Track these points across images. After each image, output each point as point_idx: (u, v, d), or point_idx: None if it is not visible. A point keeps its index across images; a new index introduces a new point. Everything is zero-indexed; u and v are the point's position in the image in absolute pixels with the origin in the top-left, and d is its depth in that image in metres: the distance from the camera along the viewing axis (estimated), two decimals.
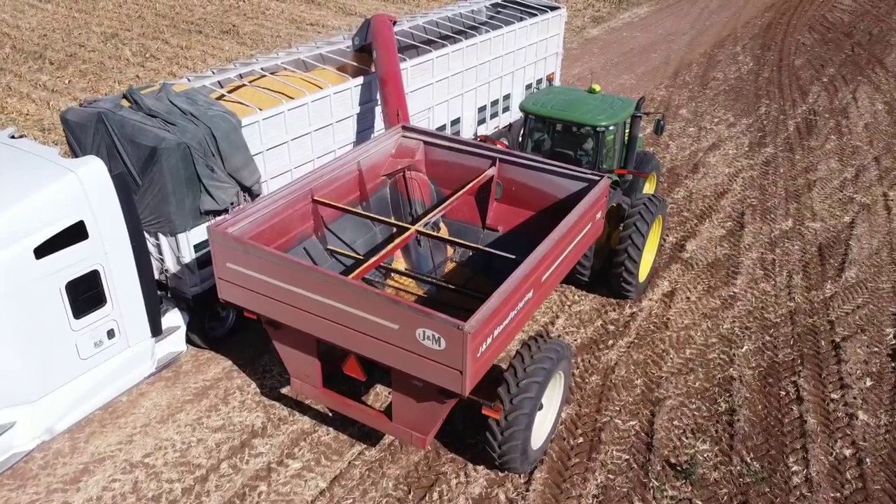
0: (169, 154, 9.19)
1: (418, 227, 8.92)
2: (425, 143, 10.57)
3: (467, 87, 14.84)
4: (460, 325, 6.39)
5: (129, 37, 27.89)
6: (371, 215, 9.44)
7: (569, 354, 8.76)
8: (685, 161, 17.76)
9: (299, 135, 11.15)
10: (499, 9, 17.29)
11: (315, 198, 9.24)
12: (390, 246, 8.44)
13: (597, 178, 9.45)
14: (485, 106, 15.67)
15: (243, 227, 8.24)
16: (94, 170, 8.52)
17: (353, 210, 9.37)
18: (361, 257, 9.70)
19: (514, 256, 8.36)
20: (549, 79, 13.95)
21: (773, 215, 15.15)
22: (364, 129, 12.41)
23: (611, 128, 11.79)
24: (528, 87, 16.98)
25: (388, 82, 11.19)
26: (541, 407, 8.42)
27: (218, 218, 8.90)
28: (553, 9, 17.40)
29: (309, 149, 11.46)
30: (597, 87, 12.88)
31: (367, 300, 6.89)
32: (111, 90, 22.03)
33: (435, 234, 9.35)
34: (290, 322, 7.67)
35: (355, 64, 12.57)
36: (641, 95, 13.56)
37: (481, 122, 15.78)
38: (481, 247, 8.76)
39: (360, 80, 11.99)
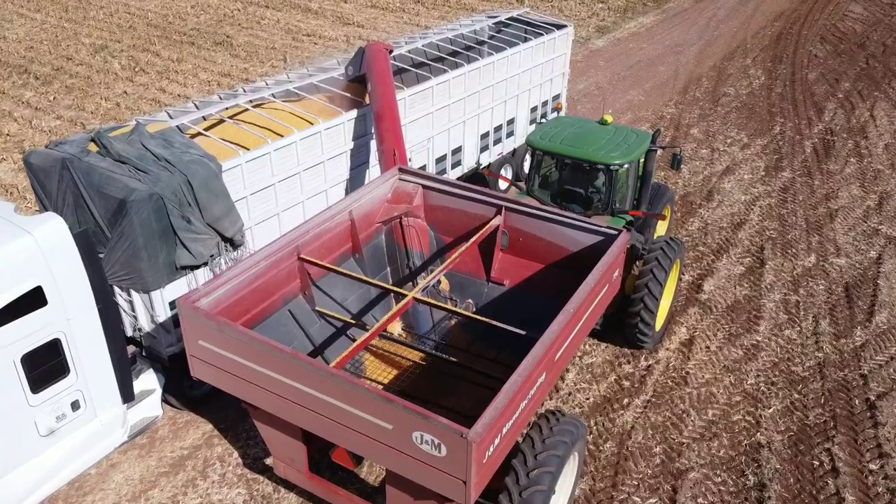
0: (139, 206, 8.29)
1: (416, 292, 8.00)
2: (424, 187, 9.66)
3: (469, 114, 13.93)
4: (464, 433, 5.49)
5: (118, 49, 26.98)
6: (364, 279, 8.50)
7: (585, 433, 7.85)
8: (699, 187, 16.85)
9: (287, 176, 10.25)
10: (502, 28, 16.38)
11: (301, 255, 8.33)
12: (384, 319, 7.51)
13: (614, 232, 8.54)
14: (488, 132, 14.76)
15: (219, 297, 7.33)
16: (53, 229, 7.61)
17: (345, 272, 8.44)
18: (353, 322, 8.78)
19: (523, 332, 7.44)
20: (558, 108, 13.06)
21: (794, 250, 14.23)
22: (358, 165, 11.50)
23: (625, 166, 10.89)
24: (534, 109, 16.07)
25: (383, 118, 10.28)
26: (553, 492, 7.52)
27: (198, 284, 8.00)
28: (559, 27, 16.48)
29: (298, 190, 10.56)
30: (609, 118, 11.97)
31: (356, 395, 5.98)
32: (97, 108, 21.13)
33: (435, 301, 8.40)
34: (270, 409, 6.77)
35: (348, 95, 11.65)
36: (657, 128, 12.67)
37: (484, 149, 14.87)
38: (486, 319, 7.82)
39: (354, 113, 11.08)
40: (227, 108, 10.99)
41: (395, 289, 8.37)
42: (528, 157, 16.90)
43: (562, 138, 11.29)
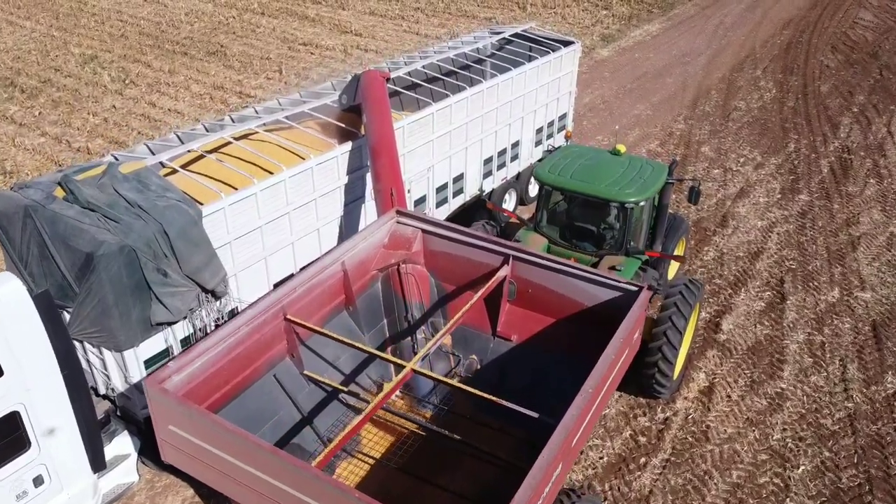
0: (108, 261, 7.49)
1: (415, 363, 7.19)
2: (424, 231, 8.85)
3: (472, 139, 13.12)
4: None
5: (108, 59, 26.16)
6: (357, 346, 7.65)
7: None
8: (712, 212, 16.04)
9: (275, 217, 9.45)
10: (505, 44, 15.56)
11: (288, 316, 7.53)
12: (378, 397, 6.68)
13: (634, 289, 7.73)
14: (491, 157, 13.95)
15: (192, 371, 6.52)
16: (8, 293, 6.80)
17: (336, 337, 7.62)
18: (344, 389, 7.95)
19: (536, 415, 6.62)
20: (567, 136, 12.26)
21: (816, 282, 13.43)
22: (353, 201, 10.69)
23: (641, 203, 10.08)
24: (539, 130, 15.25)
25: (380, 153, 9.47)
26: None
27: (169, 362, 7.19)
28: (566, 43, 15.68)
29: (287, 230, 9.76)
30: (621, 148, 11.17)
31: (342, 500, 5.18)
32: (84, 124, 20.31)
33: (435, 375, 7.58)
34: None
35: (342, 125, 10.84)
36: (674, 159, 11.86)
37: (487, 174, 14.06)
38: (492, 398, 6.98)
39: (348, 145, 10.27)
40: (210, 141, 10.18)
41: (390, 358, 7.54)
42: (533, 184, 16.12)
43: (572, 171, 10.50)
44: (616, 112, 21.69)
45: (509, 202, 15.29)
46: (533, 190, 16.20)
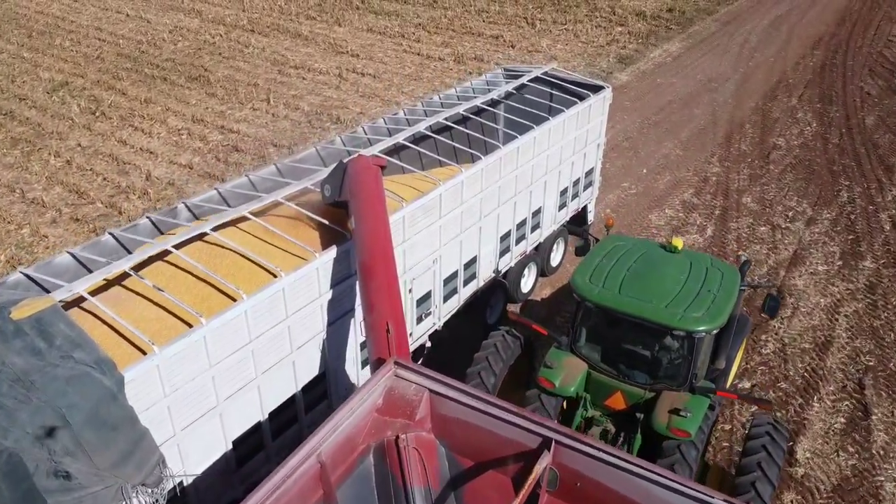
0: None
1: None
2: (433, 392, 6.51)
3: (487, 213, 10.81)
4: None
5: (80, 86, 23.84)
6: None
7: None
8: (763, 282, 13.68)
9: (232, 352, 7.13)
10: (524, 91, 13.20)
11: None
12: None
13: (709, 499, 5.40)
14: (509, 232, 11.63)
15: None
16: None
17: None
18: None
19: None
20: (609, 224, 9.96)
21: None
22: (340, 317, 8.37)
23: (714, 332, 7.76)
24: (563, 192, 12.92)
25: (373, 273, 7.12)
26: None
27: None
28: (596, 88, 13.36)
29: (250, 368, 7.44)
30: (678, 243, 8.86)
31: None
32: (43, 167, 17.99)
33: None
34: None
35: (325, 221, 8.47)
36: (745, 259, 9.60)
37: (504, 252, 11.74)
38: None
39: (332, 253, 7.95)
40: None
41: None
42: (556, 250, 13.82)
43: (620, 282, 8.17)
44: (642, 151, 19.37)
45: (528, 278, 12.97)
46: (556, 258, 13.89)
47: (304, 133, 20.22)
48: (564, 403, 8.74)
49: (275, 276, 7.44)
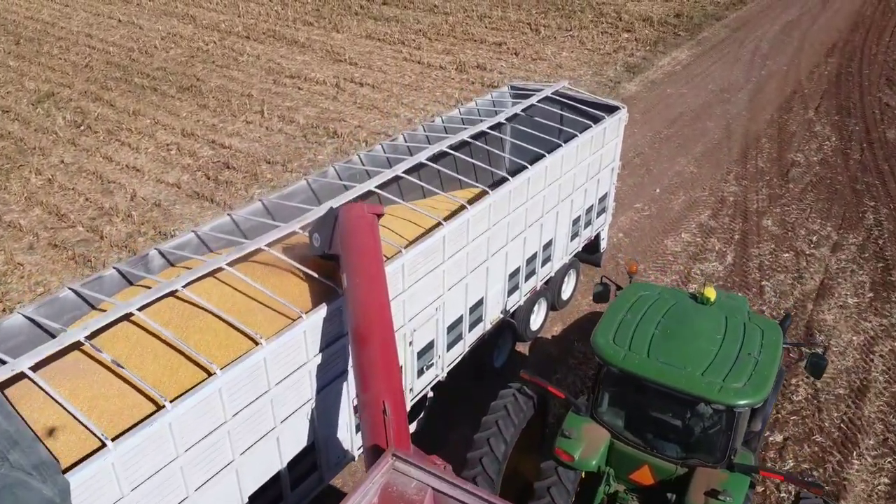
0: None
1: None
2: (436, 490, 5.56)
3: (494, 250, 9.85)
4: None
5: (66, 97, 22.90)
6: None
7: None
8: (792, 319, 12.72)
9: (206, 435, 6.16)
10: (533, 113, 12.23)
11: None
12: None
13: None
14: (518, 269, 10.67)
15: None
16: None
17: None
18: None
19: None
20: (632, 271, 8.96)
21: None
22: (330, 381, 7.41)
23: (756, 405, 6.80)
24: (576, 221, 11.97)
25: (368, 344, 6.15)
26: None
27: None
28: (610, 109, 12.41)
29: (226, 448, 6.47)
30: (711, 293, 7.90)
31: None
32: (23, 187, 17.03)
33: None
34: None
35: (314, 273, 7.50)
36: (787, 312, 8.63)
37: (512, 290, 10.78)
38: None
39: (322, 312, 6.99)
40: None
41: None
42: (568, 281, 12.86)
43: (648, 343, 7.21)
44: (654, 169, 18.41)
45: (538, 314, 12.01)
46: (567, 290, 12.93)
47: (298, 148, 19.26)
48: (583, 473, 7.79)
49: (255, 343, 6.48)
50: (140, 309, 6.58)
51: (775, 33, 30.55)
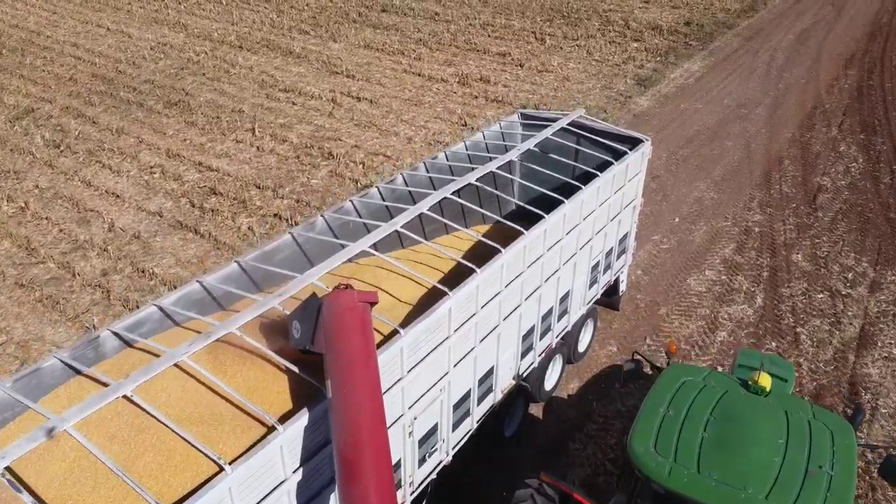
0: None
1: None
2: None
3: (506, 314, 8.61)
4: None
5: (47, 112, 21.67)
6: None
7: None
8: (830, 370, 11.53)
9: None
10: (546, 148, 10.98)
11: None
12: None
13: None
14: (532, 328, 9.43)
15: None
16: None
17: None
18: None
19: None
20: (671, 350, 7.73)
21: None
22: (317, 493, 6.16)
23: None
24: (595, 267, 10.73)
25: (358, 475, 4.91)
26: None
27: None
28: (634, 142, 11.19)
29: None
30: (766, 381, 6.67)
31: None
32: None
33: None
34: None
35: (294, 368, 6.25)
36: (858, 405, 7.40)
37: (526, 352, 9.54)
38: None
39: (303, 420, 5.74)
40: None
41: None
42: (585, 331, 11.64)
43: (696, 453, 5.97)
44: (672, 195, 17.17)
45: (553, 372, 10.79)
46: (584, 341, 11.69)
47: (290, 171, 18.02)
48: None
49: (220, 469, 5.24)
50: (79, 425, 5.33)
51: (790, 43, 29.30)
